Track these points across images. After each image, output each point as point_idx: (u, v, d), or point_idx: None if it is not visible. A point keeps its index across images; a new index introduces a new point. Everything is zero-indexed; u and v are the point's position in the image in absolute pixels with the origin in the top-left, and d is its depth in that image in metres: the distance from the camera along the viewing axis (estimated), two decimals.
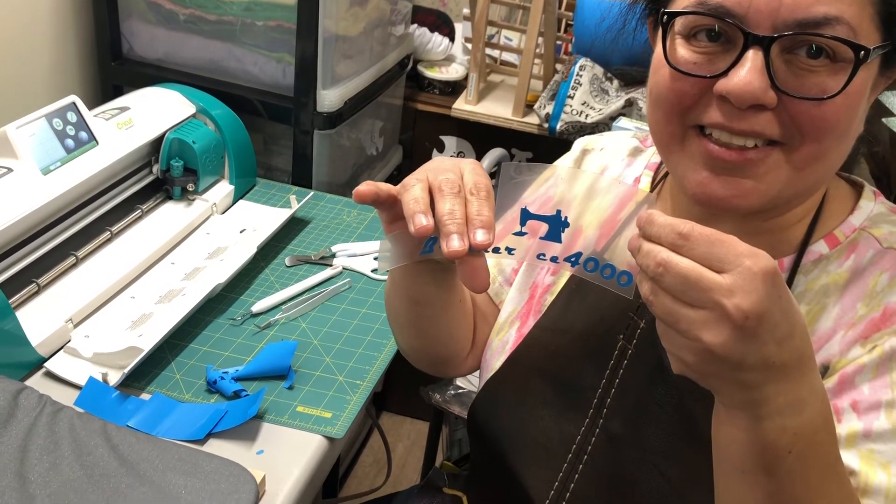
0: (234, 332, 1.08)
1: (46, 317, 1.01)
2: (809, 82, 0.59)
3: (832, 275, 0.67)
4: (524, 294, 0.84)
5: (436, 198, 0.59)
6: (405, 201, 0.60)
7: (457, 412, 1.42)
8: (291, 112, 1.42)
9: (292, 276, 1.22)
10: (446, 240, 0.57)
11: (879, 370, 0.62)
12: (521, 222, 0.59)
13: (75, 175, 1.09)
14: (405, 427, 2.21)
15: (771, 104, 0.59)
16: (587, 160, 0.87)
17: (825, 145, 0.61)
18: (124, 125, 1.22)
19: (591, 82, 1.66)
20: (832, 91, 0.58)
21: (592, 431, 0.74)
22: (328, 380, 1.01)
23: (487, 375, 0.83)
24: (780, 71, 0.59)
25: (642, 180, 0.81)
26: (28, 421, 0.84)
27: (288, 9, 1.37)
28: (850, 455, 0.61)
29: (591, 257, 0.58)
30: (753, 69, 0.58)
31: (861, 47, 0.57)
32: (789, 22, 0.57)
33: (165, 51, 1.48)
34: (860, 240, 0.68)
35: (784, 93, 0.59)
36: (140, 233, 1.21)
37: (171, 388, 0.97)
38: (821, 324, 0.66)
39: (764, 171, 0.61)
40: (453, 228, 0.57)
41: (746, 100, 0.59)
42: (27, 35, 1.37)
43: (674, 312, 0.51)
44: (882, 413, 0.61)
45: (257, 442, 0.90)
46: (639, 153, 0.85)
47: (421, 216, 0.58)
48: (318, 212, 1.39)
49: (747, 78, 0.58)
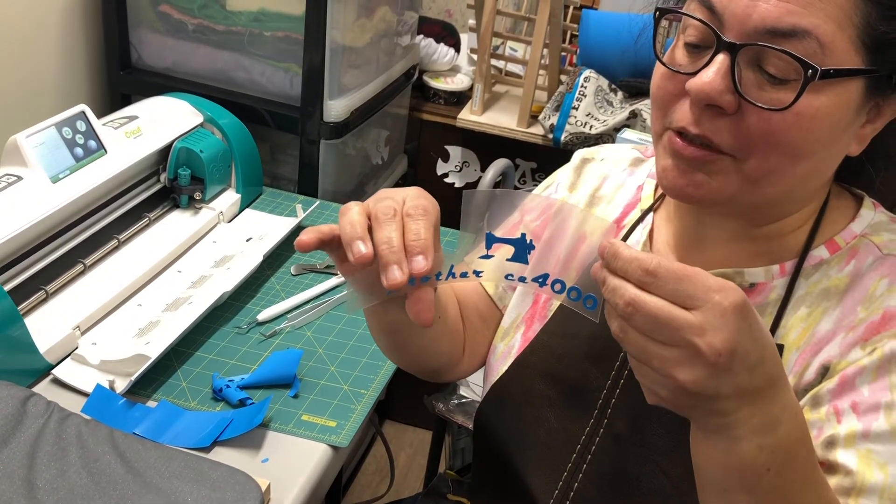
0: (240, 340, 1.09)
1: (54, 324, 1.02)
2: (768, 94, 0.60)
3: (833, 279, 0.68)
4: (528, 299, 0.85)
5: (374, 227, 0.59)
6: (342, 227, 0.59)
7: (460, 422, 1.43)
8: (298, 122, 1.43)
9: (298, 285, 1.22)
10: (385, 272, 0.56)
11: (879, 372, 0.63)
12: (486, 246, 0.61)
13: (84, 183, 1.10)
14: (408, 435, 2.22)
15: (728, 108, 0.60)
16: (587, 170, 0.88)
17: (776, 160, 0.61)
18: (132, 134, 1.23)
19: (596, 94, 1.67)
20: (781, 105, 0.59)
21: (597, 432, 0.75)
22: (333, 388, 1.02)
23: (493, 379, 0.84)
24: (746, 79, 0.60)
25: (645, 188, 0.82)
26: (36, 427, 0.85)
27: (296, 20, 1.38)
28: (849, 454, 0.62)
29: (557, 279, 0.59)
30: (716, 71, 0.60)
31: (809, 66, 0.57)
32: (759, 29, 0.58)
33: (174, 60, 1.49)
34: (860, 246, 0.69)
35: (742, 97, 0.60)
36: (147, 241, 1.22)
37: (177, 396, 0.98)
38: (821, 326, 0.67)
39: (715, 170, 0.63)
40: (391, 258, 0.57)
41: (702, 98, 0.60)
42: (37, 44, 1.38)
43: (646, 350, 0.51)
44: (881, 414, 0.62)
45: (262, 450, 0.91)
46: (640, 163, 0.86)
47: (359, 243, 0.57)
48: (323, 220, 1.40)
49: (708, 78, 0.60)
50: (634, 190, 0.83)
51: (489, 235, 0.60)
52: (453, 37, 2.02)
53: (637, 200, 0.82)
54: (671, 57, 0.65)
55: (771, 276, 0.70)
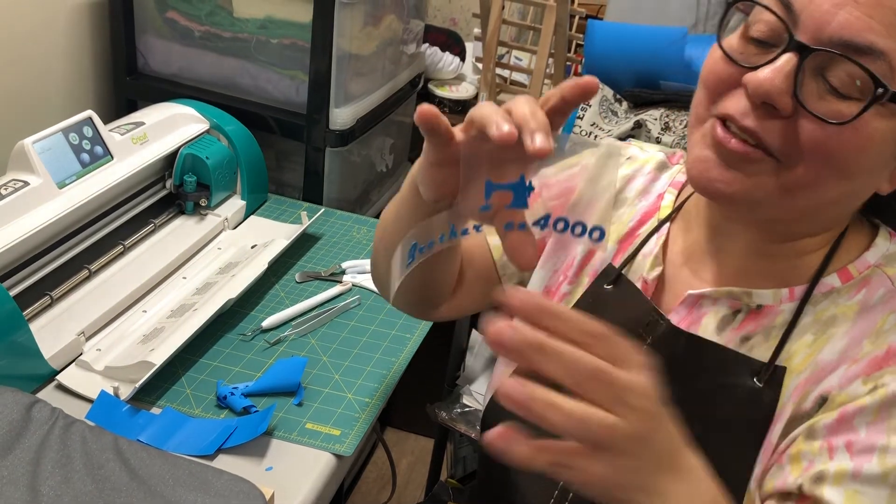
0: (245, 347, 1.09)
1: (59, 329, 1.02)
2: (827, 104, 0.58)
3: (841, 306, 0.67)
4: None
5: (512, 108, 0.55)
6: (482, 111, 0.55)
7: (463, 430, 1.43)
8: (304, 129, 1.43)
9: (302, 293, 1.22)
10: (531, 136, 0.52)
11: (880, 415, 0.61)
12: (486, 196, 0.56)
13: (90, 189, 1.10)
14: (409, 443, 2.21)
15: (784, 110, 0.58)
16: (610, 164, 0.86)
17: (820, 174, 0.60)
18: (139, 140, 1.23)
19: (601, 103, 1.67)
20: (840, 119, 0.57)
21: None
22: (337, 397, 1.01)
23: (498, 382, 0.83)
24: (808, 84, 0.58)
25: (665, 197, 0.80)
26: (41, 434, 0.85)
27: (302, 27, 1.38)
28: (836, 492, 0.61)
29: (560, 217, 0.56)
30: (779, 70, 0.58)
31: (881, 84, 0.56)
32: (834, 39, 0.56)
33: (180, 66, 1.49)
34: (873, 276, 0.67)
35: (800, 104, 0.58)
36: (152, 247, 1.22)
37: (181, 403, 0.98)
38: (824, 354, 0.65)
39: (754, 170, 0.61)
40: (533, 126, 0.53)
41: (759, 94, 0.58)
42: (44, 50, 1.39)
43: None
44: (875, 457, 0.60)
45: (266, 458, 0.91)
46: (665, 168, 0.84)
47: (504, 123, 0.53)
48: (328, 228, 1.40)
49: (769, 75, 0.58)
50: (654, 198, 0.81)
51: (488, 183, 0.56)
52: (458, 45, 2.02)
53: (656, 209, 0.80)
54: (730, 45, 0.62)
55: (779, 299, 0.68)
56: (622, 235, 0.80)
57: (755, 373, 0.67)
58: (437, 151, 0.61)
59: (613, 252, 0.79)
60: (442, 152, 0.60)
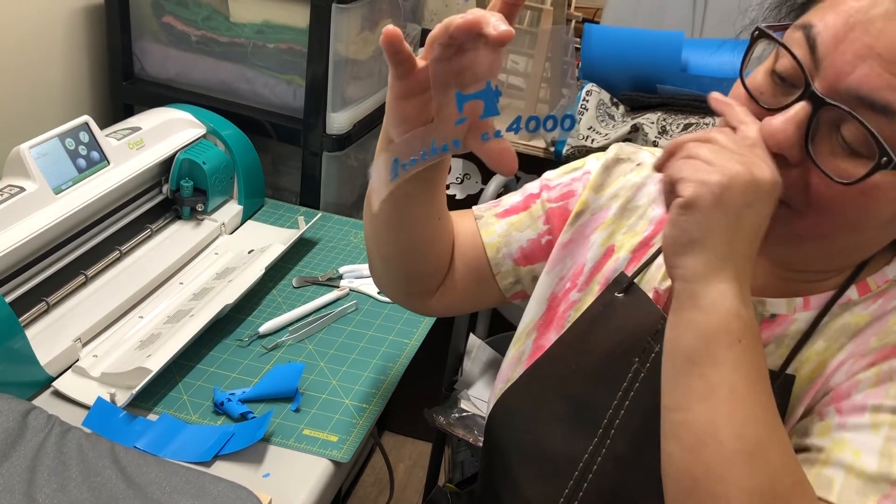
0: (242, 353, 1.09)
1: (55, 336, 1.02)
2: (836, 160, 0.56)
3: (855, 315, 0.66)
4: (542, 305, 0.84)
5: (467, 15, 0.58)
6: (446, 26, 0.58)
7: (461, 435, 1.42)
8: (301, 134, 1.43)
9: (299, 298, 1.22)
10: (494, 27, 0.55)
11: (878, 383, 0.61)
12: (459, 108, 0.58)
13: (86, 194, 1.10)
14: (407, 447, 2.21)
15: (793, 161, 0.58)
16: (618, 170, 0.84)
17: (826, 226, 0.59)
18: (135, 145, 1.23)
19: (598, 107, 1.67)
20: (846, 179, 0.56)
21: (599, 451, 0.74)
22: (334, 403, 1.01)
23: (504, 386, 0.83)
24: (822, 137, 0.57)
25: None
26: (37, 441, 0.85)
27: (299, 32, 1.38)
28: (823, 440, 0.60)
29: (532, 117, 0.58)
30: (792, 120, 0.57)
31: (886, 153, 0.54)
32: (851, 92, 0.55)
33: (177, 71, 1.49)
34: (890, 290, 0.67)
35: (810, 157, 0.57)
36: (149, 252, 1.22)
37: (178, 409, 0.97)
38: (835, 360, 0.65)
39: None
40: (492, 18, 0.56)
41: (770, 144, 0.58)
42: (40, 55, 1.38)
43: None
44: (867, 414, 0.59)
45: (264, 465, 0.90)
46: None
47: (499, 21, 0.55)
48: (325, 233, 1.40)
49: (781, 126, 0.57)
50: None
51: (458, 95, 0.58)
52: None
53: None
54: (753, 79, 0.62)
55: (793, 308, 0.68)
56: (636, 245, 0.79)
57: None
58: (401, 82, 0.63)
59: (626, 261, 0.79)
60: (407, 81, 0.62)
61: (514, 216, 0.87)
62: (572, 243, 0.83)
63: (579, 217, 0.83)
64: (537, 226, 0.86)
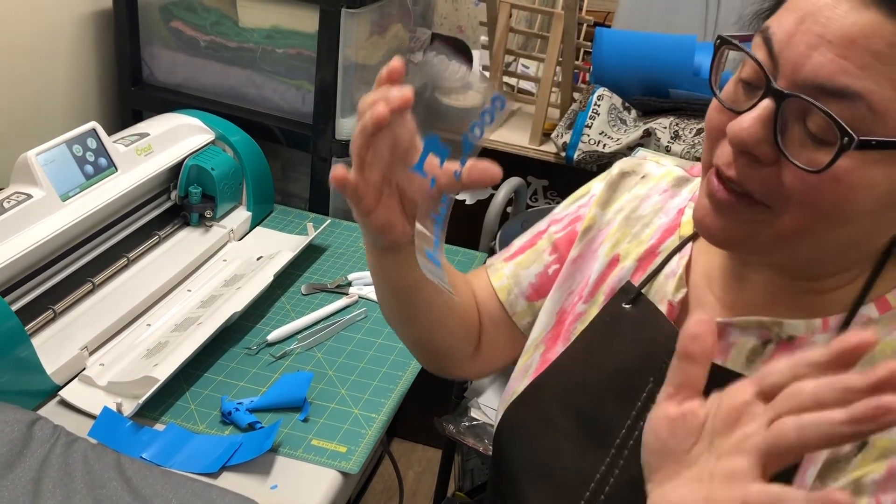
0: (250, 361, 1.08)
1: (62, 344, 1.01)
2: (806, 152, 0.56)
3: (881, 343, 0.62)
4: (552, 319, 0.82)
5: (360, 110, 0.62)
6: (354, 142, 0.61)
7: (471, 444, 1.41)
8: (310, 139, 1.42)
9: (308, 305, 1.21)
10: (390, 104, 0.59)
11: None
12: (422, 174, 0.61)
13: (94, 201, 1.09)
14: (416, 454, 2.20)
15: (764, 159, 0.57)
16: (624, 185, 0.83)
17: (808, 221, 0.58)
18: (143, 151, 1.22)
19: (609, 112, 1.66)
20: (816, 167, 0.55)
21: (612, 471, 0.72)
22: (343, 412, 1.00)
23: (510, 399, 0.82)
24: (789, 131, 0.57)
25: (686, 212, 0.78)
26: (42, 452, 0.84)
27: (308, 37, 1.37)
28: None
29: (474, 123, 0.60)
30: (756, 118, 0.56)
31: (846, 133, 0.53)
32: (808, 82, 0.55)
33: (185, 76, 1.48)
34: None
35: (781, 151, 0.56)
36: (157, 259, 1.21)
37: (185, 419, 0.96)
38: None
39: (746, 219, 0.60)
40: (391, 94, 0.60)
41: (737, 144, 0.57)
42: (48, 61, 1.38)
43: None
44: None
45: (271, 476, 0.89)
46: (684, 183, 0.81)
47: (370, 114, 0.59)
48: (334, 239, 1.39)
49: (746, 124, 0.57)
50: (674, 213, 0.78)
51: (416, 168, 0.60)
52: (465, 54, 2.01)
53: (676, 225, 0.77)
54: (728, 90, 0.61)
55: (812, 330, 0.65)
56: (642, 253, 0.77)
57: None
58: (359, 206, 0.65)
59: (632, 270, 0.77)
60: (362, 204, 0.65)
61: (521, 255, 0.87)
62: (581, 259, 0.82)
63: (587, 233, 0.82)
64: (543, 259, 0.85)
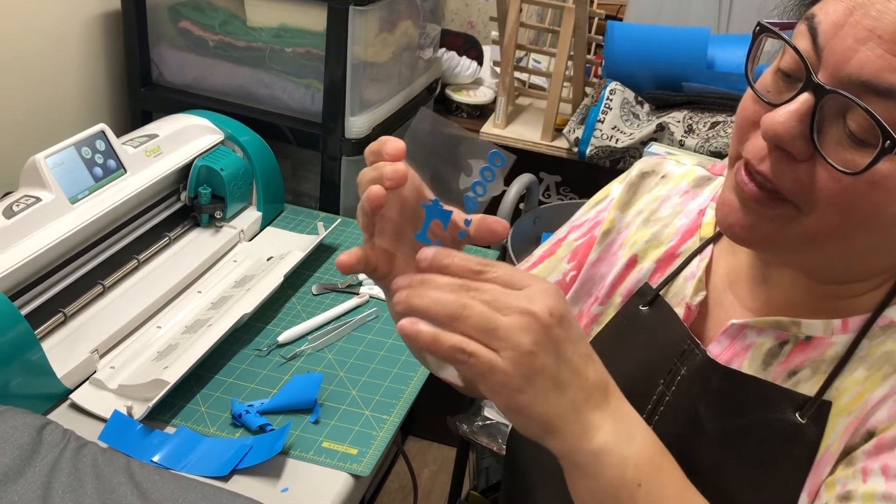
0: (260, 363, 1.07)
1: (72, 347, 1.01)
2: (843, 152, 0.53)
3: None
4: None
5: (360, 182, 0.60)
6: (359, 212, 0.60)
7: (484, 443, 1.40)
8: (319, 138, 1.41)
9: (319, 305, 1.20)
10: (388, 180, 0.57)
11: None
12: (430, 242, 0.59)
13: (103, 204, 1.09)
14: (431, 452, 2.19)
15: (798, 155, 0.54)
16: (644, 185, 0.81)
17: (837, 224, 0.55)
18: (153, 153, 1.21)
19: (622, 106, 1.64)
20: (853, 169, 0.52)
21: None
22: (354, 414, 0.99)
23: None
24: (829, 127, 0.54)
25: (707, 213, 0.75)
26: (52, 457, 0.83)
27: (317, 35, 1.36)
28: None
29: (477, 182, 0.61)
30: (793, 112, 0.53)
31: (889, 135, 0.50)
32: (853, 79, 0.51)
33: (194, 77, 1.48)
34: None
35: (817, 149, 0.54)
36: (167, 261, 1.21)
37: (195, 422, 0.96)
38: (877, 392, 0.60)
39: (772, 216, 0.57)
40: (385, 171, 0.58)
41: (770, 138, 0.55)
42: (57, 62, 1.38)
43: (491, 321, 0.52)
44: None
45: (282, 479, 0.89)
46: (706, 182, 0.79)
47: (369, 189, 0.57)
48: (345, 238, 1.38)
49: (782, 118, 0.54)
50: (695, 214, 0.76)
51: (419, 236, 0.58)
52: (476, 49, 2.00)
53: (697, 226, 0.75)
54: (764, 80, 0.58)
55: (830, 331, 0.63)
56: (661, 255, 0.76)
57: (798, 407, 0.62)
58: (374, 274, 0.64)
59: (651, 272, 0.76)
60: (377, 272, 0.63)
61: (541, 265, 0.85)
62: (600, 262, 0.80)
63: (606, 236, 0.80)
64: (561, 267, 0.83)
